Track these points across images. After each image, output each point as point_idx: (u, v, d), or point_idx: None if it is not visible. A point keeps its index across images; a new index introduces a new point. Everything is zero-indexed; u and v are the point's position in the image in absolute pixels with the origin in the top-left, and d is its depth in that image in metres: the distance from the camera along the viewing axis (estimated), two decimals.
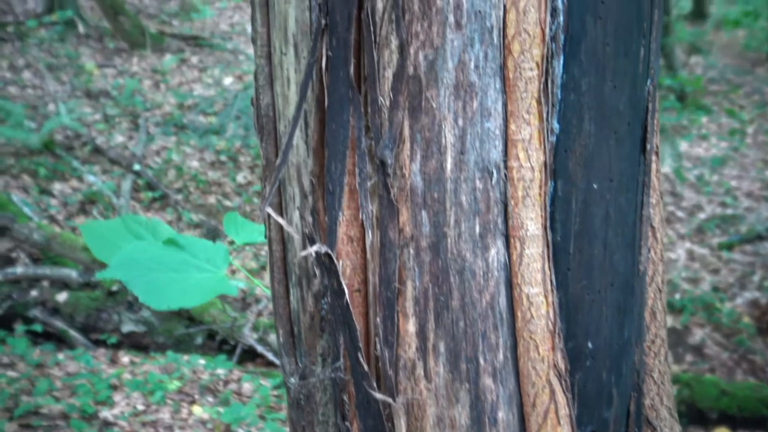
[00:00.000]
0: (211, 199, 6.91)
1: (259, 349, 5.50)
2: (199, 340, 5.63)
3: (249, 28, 10.42)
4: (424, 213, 1.01)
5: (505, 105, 0.98)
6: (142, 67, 8.87)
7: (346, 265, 1.09)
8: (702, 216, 7.85)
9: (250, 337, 5.59)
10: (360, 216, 1.05)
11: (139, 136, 7.39)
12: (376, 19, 0.99)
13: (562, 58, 0.98)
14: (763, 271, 6.95)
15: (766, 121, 9.73)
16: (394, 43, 0.98)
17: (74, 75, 8.37)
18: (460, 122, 0.98)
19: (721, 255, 7.32)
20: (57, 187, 6.61)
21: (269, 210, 1.09)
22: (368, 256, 1.07)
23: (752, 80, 11.39)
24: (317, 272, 1.09)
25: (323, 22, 1.02)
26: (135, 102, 7.91)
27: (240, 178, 7.25)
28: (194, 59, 9.22)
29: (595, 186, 1.03)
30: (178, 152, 7.33)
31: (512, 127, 0.98)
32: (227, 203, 6.90)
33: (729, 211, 7.92)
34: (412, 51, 0.97)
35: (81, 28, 9.41)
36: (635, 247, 1.09)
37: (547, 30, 0.96)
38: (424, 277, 1.02)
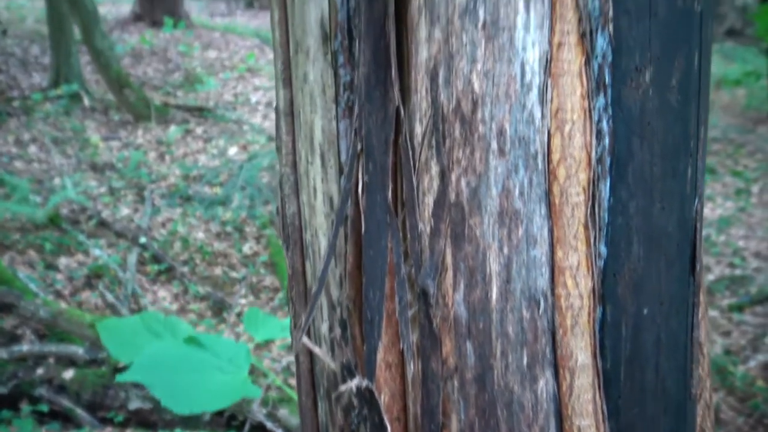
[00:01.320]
0: (218, 271, 6.86)
1: (269, 425, 5.39)
2: (206, 417, 5.53)
3: (252, 98, 10.50)
4: (468, 344, 0.96)
5: (551, 231, 0.95)
6: (146, 138, 8.91)
7: (384, 393, 1.05)
8: (711, 277, 7.77)
9: (259, 413, 5.48)
10: (400, 344, 1.00)
11: (144, 209, 7.37)
12: (414, 145, 0.97)
13: (608, 181, 0.95)
14: None
15: None
16: (435, 169, 0.95)
17: (80, 148, 8.40)
18: (505, 250, 0.94)
19: (731, 317, 7.23)
20: (63, 261, 6.57)
21: (306, 341, 1.04)
22: (408, 385, 1.03)
23: (755, 139, 11.43)
24: (356, 403, 1.04)
25: (360, 145, 0.99)
26: (140, 174, 7.92)
27: (246, 248, 7.21)
28: (199, 130, 9.26)
29: (645, 311, 0.98)
30: (183, 224, 7.31)
31: (559, 254, 0.95)
32: (233, 274, 6.84)
33: (738, 272, 7.85)
34: (453, 177, 0.94)
35: (86, 101, 9.48)
36: (687, 370, 1.05)
37: (593, 153, 0.93)
38: (470, 411, 0.98)
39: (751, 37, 14.65)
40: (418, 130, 0.96)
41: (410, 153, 0.96)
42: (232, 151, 8.64)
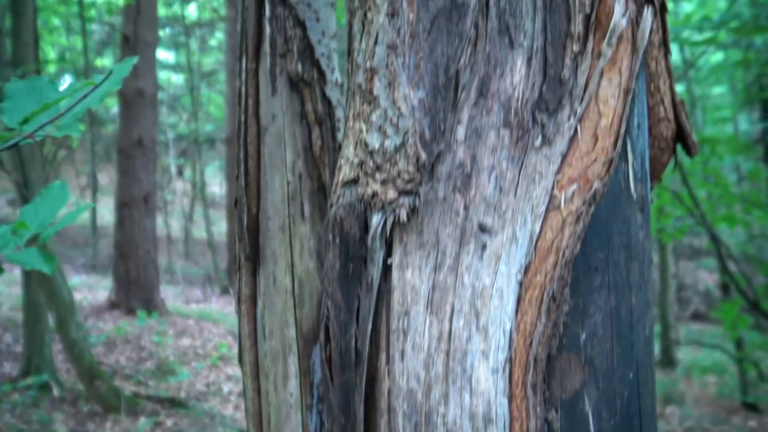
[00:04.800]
0: None
1: None
2: None
3: (224, 388, 10.32)
4: None
5: None
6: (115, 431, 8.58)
7: None
8: None
9: None
10: None
11: None
12: None
13: None
14: None
15: None
16: None
17: None
18: None
19: None
20: None
21: None
22: None
23: (729, 429, 11.34)
24: None
25: None
26: None
27: None
28: (169, 422, 8.98)
29: None
30: None
31: None
32: None
33: None
34: None
35: (56, 392, 9.23)
36: None
37: None
38: None
39: (715, 320, 15.05)
40: None
41: None
42: None
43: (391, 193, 1.26)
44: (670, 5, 12.71)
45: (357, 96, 1.35)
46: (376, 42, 1.31)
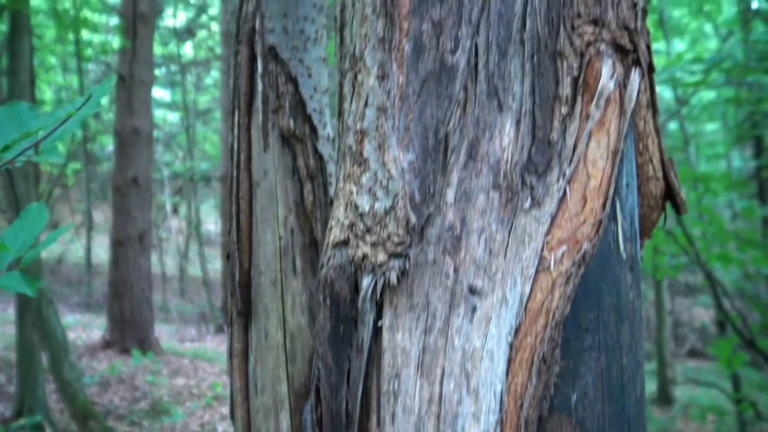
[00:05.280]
0: None
1: None
2: None
3: (219, 428, 10.22)
4: None
5: None
6: None
7: None
8: None
9: None
10: None
11: None
12: None
13: None
14: None
15: None
16: None
17: None
18: None
19: None
20: None
21: None
22: None
23: None
24: None
25: None
26: None
27: None
28: None
29: None
30: None
31: None
32: None
33: None
34: None
35: None
36: None
37: None
38: None
39: (711, 356, 15.00)
40: None
41: None
42: None
43: (381, 256, 1.27)
44: (661, 43, 12.84)
45: (348, 157, 1.36)
46: (366, 104, 1.32)
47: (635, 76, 1.33)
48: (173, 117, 23.38)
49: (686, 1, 13.33)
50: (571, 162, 1.28)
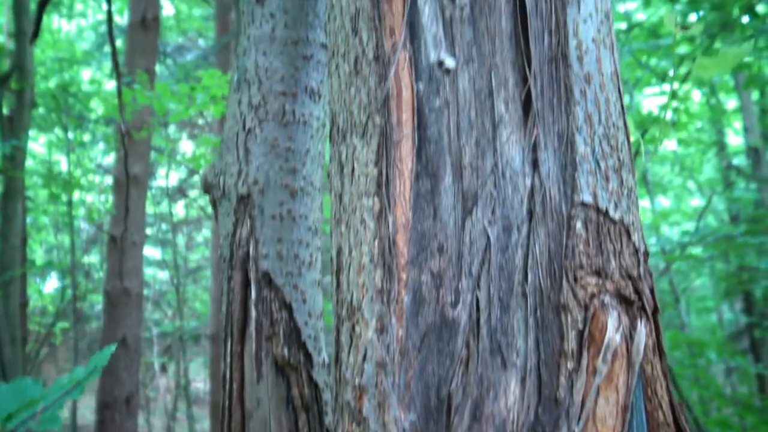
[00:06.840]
0: None
1: None
2: None
3: None
4: None
5: None
6: None
7: None
8: None
9: None
10: None
11: None
12: None
13: None
14: None
15: None
16: None
17: None
18: None
19: None
20: None
21: None
22: None
23: None
24: None
25: None
26: None
27: None
28: None
29: None
30: None
31: None
32: None
33: None
34: None
35: None
36: None
37: None
38: None
39: None
40: None
41: None
42: None
43: None
44: (647, 200, 13.04)
45: (346, 414, 1.30)
46: (364, 358, 1.28)
47: (641, 327, 1.30)
48: (163, 275, 23.34)
49: (670, 160, 13.70)
50: (579, 419, 1.23)
